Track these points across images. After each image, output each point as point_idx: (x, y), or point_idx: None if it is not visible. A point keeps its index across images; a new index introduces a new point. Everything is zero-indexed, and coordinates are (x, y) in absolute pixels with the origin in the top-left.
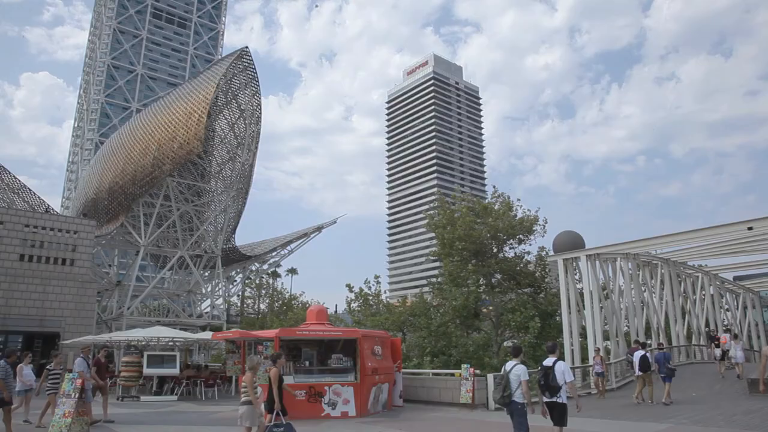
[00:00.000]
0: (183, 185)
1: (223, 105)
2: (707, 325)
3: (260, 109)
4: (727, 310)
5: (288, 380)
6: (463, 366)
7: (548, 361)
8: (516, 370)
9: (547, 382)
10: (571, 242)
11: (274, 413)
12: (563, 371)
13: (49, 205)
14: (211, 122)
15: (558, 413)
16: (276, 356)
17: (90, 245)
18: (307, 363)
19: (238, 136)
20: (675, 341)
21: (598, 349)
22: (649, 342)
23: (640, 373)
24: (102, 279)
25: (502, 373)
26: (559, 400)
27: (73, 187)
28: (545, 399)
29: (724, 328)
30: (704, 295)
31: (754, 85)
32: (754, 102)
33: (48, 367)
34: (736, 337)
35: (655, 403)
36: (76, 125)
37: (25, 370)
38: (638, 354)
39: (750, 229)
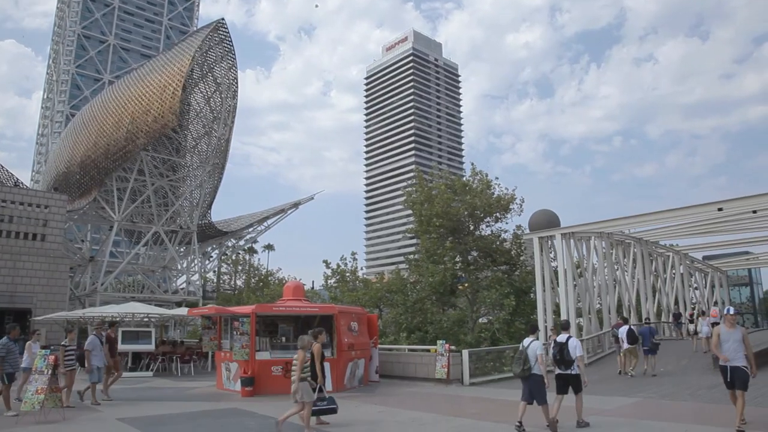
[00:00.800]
0: (158, 159)
1: (198, 78)
2: (676, 302)
3: (237, 83)
4: (696, 288)
5: (264, 356)
6: (439, 342)
7: (562, 338)
8: (533, 346)
9: (562, 357)
10: (546, 221)
11: (317, 387)
12: (575, 346)
13: (18, 179)
14: (186, 96)
15: (574, 383)
16: (317, 332)
17: (61, 220)
18: (283, 339)
19: (214, 110)
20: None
21: (554, 327)
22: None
23: (628, 347)
24: (74, 255)
25: (520, 348)
26: (573, 372)
27: (43, 160)
28: (559, 371)
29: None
30: (674, 273)
31: (729, 69)
32: (728, 85)
33: (63, 343)
34: (703, 313)
35: (641, 375)
36: (45, 96)
37: (34, 348)
38: (624, 329)
39: (720, 210)
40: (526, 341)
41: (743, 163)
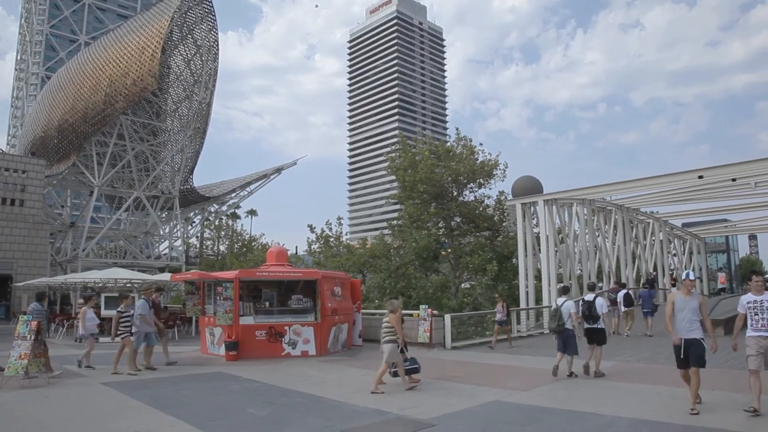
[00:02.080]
0: (137, 124)
1: (178, 40)
2: (655, 268)
3: (217, 45)
4: (674, 255)
5: (248, 321)
6: (422, 307)
7: (589, 297)
8: (566, 305)
9: (590, 313)
10: (529, 187)
11: (400, 348)
12: (601, 305)
13: None
14: (165, 58)
15: (599, 336)
16: (394, 299)
17: (40, 185)
18: (267, 304)
19: (194, 73)
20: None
21: (499, 295)
22: (600, 285)
23: (625, 309)
24: (55, 220)
25: (554, 307)
26: (599, 326)
27: (19, 124)
28: (587, 325)
29: (720, 270)
30: (654, 240)
31: (714, 36)
32: (713, 52)
33: (119, 309)
34: (674, 282)
35: (638, 336)
36: (19, 58)
37: (89, 315)
38: (622, 293)
39: (700, 177)
40: (560, 301)
41: (725, 132)
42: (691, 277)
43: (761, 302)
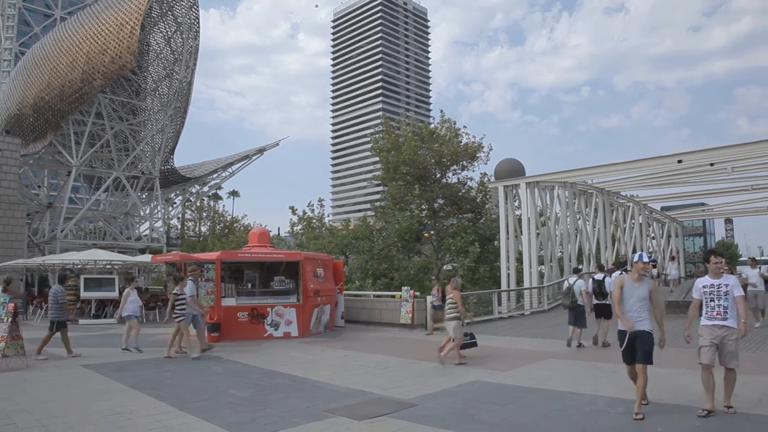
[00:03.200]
0: (116, 102)
1: (157, 17)
2: (634, 250)
3: (198, 23)
4: (653, 238)
5: (230, 302)
6: (404, 288)
7: (599, 276)
8: (578, 284)
9: (601, 290)
10: (512, 170)
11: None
12: (610, 283)
13: None
14: (145, 35)
15: (607, 311)
16: (450, 276)
17: (15, 165)
18: (249, 285)
19: (174, 51)
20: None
21: (436, 279)
22: (581, 267)
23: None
24: (31, 201)
25: (566, 285)
26: (607, 302)
27: None
28: (596, 301)
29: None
30: (633, 223)
31: (697, 21)
32: (696, 37)
33: (175, 291)
34: (673, 259)
35: None
36: None
37: (131, 296)
38: (616, 273)
39: (680, 162)
40: (572, 279)
41: (705, 117)
42: (645, 259)
43: (718, 287)
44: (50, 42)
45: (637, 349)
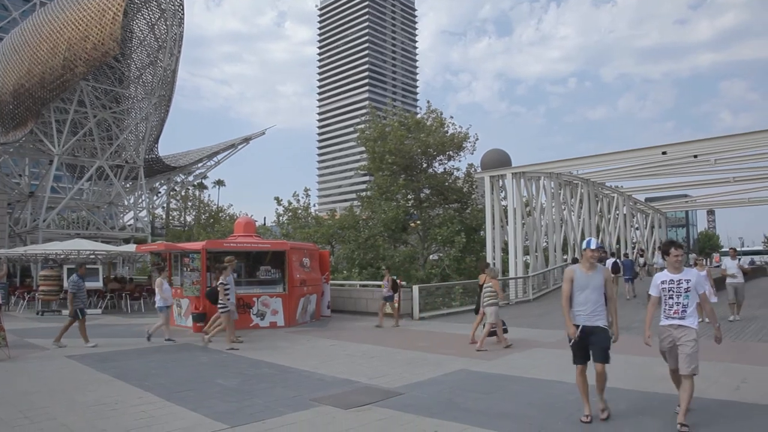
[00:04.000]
0: (99, 90)
1: (141, 3)
2: (618, 242)
3: (183, 9)
4: (637, 228)
5: None
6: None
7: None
8: None
9: None
10: (498, 160)
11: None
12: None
13: None
14: (128, 21)
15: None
16: (486, 266)
17: None
18: (235, 275)
19: (159, 38)
20: None
21: (388, 269)
22: (565, 257)
23: (612, 276)
24: (12, 190)
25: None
26: None
27: None
28: None
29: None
30: (618, 214)
31: (684, 14)
32: (682, 30)
33: (221, 281)
34: (659, 248)
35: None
36: None
37: (165, 285)
38: (610, 261)
39: (664, 153)
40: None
41: (690, 109)
42: (593, 246)
43: (678, 282)
44: (30, 27)
45: (594, 347)
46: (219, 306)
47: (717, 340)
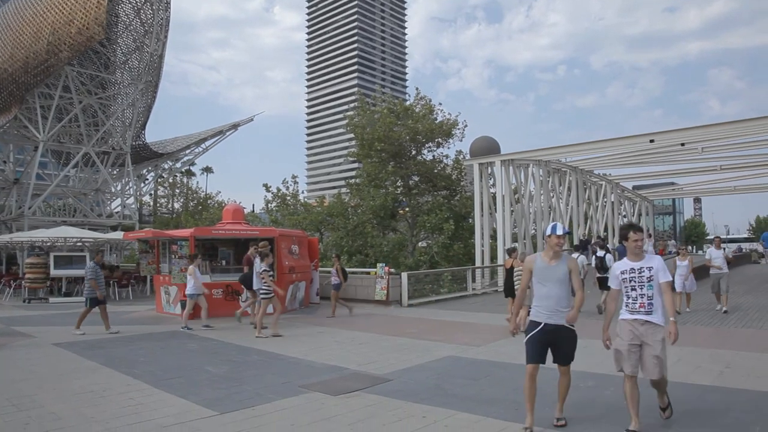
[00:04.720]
0: (84, 75)
1: None
2: (605, 229)
3: None
4: (624, 216)
5: (205, 279)
6: (379, 265)
7: (600, 253)
8: (580, 259)
9: (602, 265)
10: (487, 147)
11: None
12: (610, 259)
13: None
14: (113, 6)
15: (606, 283)
16: (511, 250)
17: None
18: (223, 262)
19: (145, 23)
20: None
21: (338, 256)
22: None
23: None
24: None
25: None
26: (607, 275)
27: None
28: (599, 275)
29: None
30: (606, 202)
31: (673, 2)
32: (671, 18)
33: (264, 268)
34: (650, 235)
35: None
36: None
37: (198, 273)
38: (601, 254)
39: (652, 141)
40: (575, 255)
41: (678, 97)
42: (559, 231)
43: (640, 271)
44: (12, 11)
45: (556, 351)
46: (261, 292)
47: (671, 335)
